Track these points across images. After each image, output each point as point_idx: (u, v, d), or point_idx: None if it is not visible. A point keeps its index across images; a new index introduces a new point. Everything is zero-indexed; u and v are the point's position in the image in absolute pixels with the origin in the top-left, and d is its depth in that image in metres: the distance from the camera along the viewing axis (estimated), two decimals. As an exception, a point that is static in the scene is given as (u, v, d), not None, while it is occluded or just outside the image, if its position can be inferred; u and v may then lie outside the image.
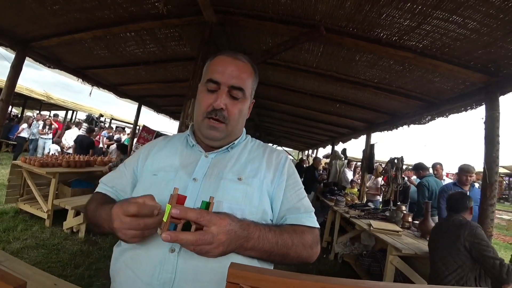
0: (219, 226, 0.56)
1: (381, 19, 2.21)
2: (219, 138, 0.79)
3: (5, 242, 3.00)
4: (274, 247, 0.65)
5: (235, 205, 0.70)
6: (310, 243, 0.72)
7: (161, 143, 0.89)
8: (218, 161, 0.79)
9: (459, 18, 1.96)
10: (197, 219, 0.54)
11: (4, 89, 3.70)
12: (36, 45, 3.69)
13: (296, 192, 0.80)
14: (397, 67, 2.88)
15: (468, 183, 3.46)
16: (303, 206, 0.78)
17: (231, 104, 0.76)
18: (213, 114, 0.75)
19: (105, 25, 3.09)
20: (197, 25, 2.84)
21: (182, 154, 0.82)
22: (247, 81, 0.79)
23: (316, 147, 12.11)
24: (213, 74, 0.77)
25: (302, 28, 2.53)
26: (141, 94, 6.52)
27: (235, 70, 0.76)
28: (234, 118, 0.78)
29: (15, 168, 3.92)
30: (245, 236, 0.61)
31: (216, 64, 0.78)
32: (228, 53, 0.80)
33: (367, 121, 5.26)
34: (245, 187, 0.73)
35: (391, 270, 2.55)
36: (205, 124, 0.77)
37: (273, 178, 0.78)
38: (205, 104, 0.77)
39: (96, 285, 2.52)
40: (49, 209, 3.68)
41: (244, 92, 0.78)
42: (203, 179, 0.74)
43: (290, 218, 0.75)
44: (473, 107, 3.01)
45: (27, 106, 12.92)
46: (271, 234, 0.65)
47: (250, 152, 0.85)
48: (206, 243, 0.54)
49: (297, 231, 0.71)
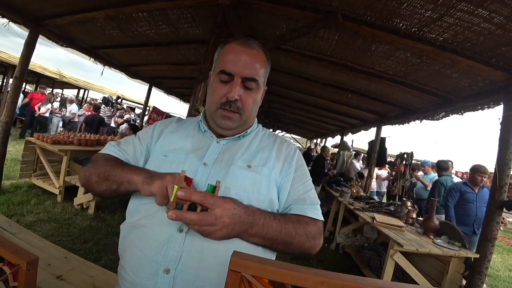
0: (223, 209, 0.57)
1: (402, 9, 2.12)
2: (233, 128, 0.79)
3: (19, 215, 3.14)
4: (277, 235, 0.66)
5: (242, 192, 0.71)
6: (313, 234, 0.73)
7: (173, 125, 0.88)
8: (229, 147, 0.80)
9: (484, 12, 1.86)
10: (201, 201, 0.55)
11: (18, 66, 3.76)
12: (49, 23, 3.70)
13: (303, 184, 0.80)
14: (414, 60, 2.78)
15: (481, 184, 3.40)
16: (309, 197, 0.78)
17: (245, 94, 0.76)
18: (227, 105, 0.75)
19: (117, 4, 3.06)
20: (210, 7, 2.78)
21: (194, 138, 0.82)
22: (260, 71, 0.77)
23: (325, 137, 12.03)
24: (225, 64, 0.75)
25: (317, 14, 2.45)
26: (152, 75, 6.53)
27: (248, 60, 0.74)
28: (248, 108, 0.78)
29: (29, 144, 4.04)
30: (250, 222, 0.62)
31: (228, 53, 0.76)
32: (240, 41, 0.77)
33: (378, 113, 5.16)
34: (254, 175, 0.74)
35: (391, 265, 2.57)
36: (218, 114, 0.77)
37: (281, 169, 0.79)
38: (218, 95, 0.76)
39: (103, 259, 2.63)
40: (61, 185, 3.81)
41: (257, 82, 0.77)
42: (213, 164, 0.75)
43: (295, 208, 0.76)
44: (490, 106, 2.90)
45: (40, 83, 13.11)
46: (276, 222, 0.66)
47: (261, 141, 0.85)
48: (209, 223, 0.56)
49: (301, 222, 0.72)
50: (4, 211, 3.13)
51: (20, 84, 3.85)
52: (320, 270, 0.49)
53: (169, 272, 0.64)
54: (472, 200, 3.41)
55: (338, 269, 3.49)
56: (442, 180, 4.23)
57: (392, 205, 3.89)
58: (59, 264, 1.61)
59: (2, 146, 3.69)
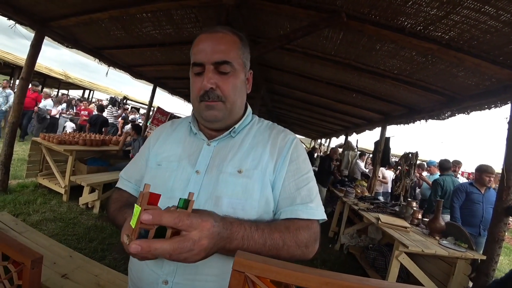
0: (201, 230, 0.48)
1: (407, 7, 2.09)
2: (219, 118, 0.73)
3: (26, 214, 3.18)
4: (261, 248, 0.58)
5: (235, 199, 0.67)
6: (305, 242, 0.65)
7: (168, 130, 0.86)
8: (220, 150, 0.75)
9: (492, 9, 1.83)
10: (175, 224, 0.46)
11: (24, 67, 3.81)
12: (55, 24, 3.74)
13: (295, 180, 0.72)
14: (419, 59, 2.75)
15: (489, 184, 3.35)
16: (300, 195, 0.70)
17: (221, 80, 0.71)
18: (206, 97, 0.70)
19: (122, 5, 3.09)
20: (214, 7, 2.79)
21: (185, 142, 0.79)
22: (232, 52, 0.72)
23: (329, 136, 11.98)
24: (194, 56, 0.72)
25: (321, 13, 2.44)
26: (156, 75, 6.57)
27: (215, 45, 0.70)
28: (229, 94, 0.72)
29: (35, 144, 4.09)
30: (227, 237, 0.54)
31: (196, 45, 0.73)
32: (206, 30, 0.74)
33: (383, 113, 5.12)
34: (245, 181, 0.69)
35: (396, 266, 2.55)
36: (202, 107, 0.73)
37: (275, 165, 0.73)
38: (196, 88, 0.72)
39: (108, 259, 2.65)
40: (66, 184, 3.85)
41: (231, 64, 0.71)
42: (206, 172, 0.71)
43: (285, 211, 0.69)
44: (497, 105, 2.86)
45: (46, 84, 13.27)
46: (258, 233, 0.58)
47: (255, 136, 0.79)
48: (185, 251, 0.47)
49: (291, 229, 0.64)
50: (11, 210, 3.16)
51: (26, 85, 3.90)
52: (324, 270, 0.48)
53: (168, 283, 0.66)
54: (479, 201, 3.36)
55: (343, 270, 3.47)
56: (439, 179, 4.17)
57: (397, 205, 3.85)
58: (64, 262, 1.62)
59: (9, 146, 3.74)
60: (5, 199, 3.44)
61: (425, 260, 2.96)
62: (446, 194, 3.95)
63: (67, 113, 9.40)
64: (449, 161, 4.41)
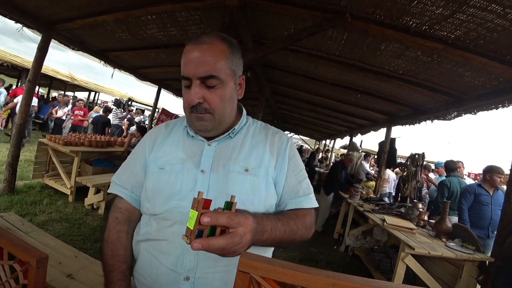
0: (245, 226, 0.55)
1: (412, 6, 2.07)
2: (209, 128, 0.76)
3: (32, 215, 3.21)
4: (283, 235, 0.67)
5: (245, 196, 0.73)
6: (309, 225, 0.77)
7: (163, 133, 0.87)
8: (221, 149, 0.79)
9: (498, 7, 1.81)
10: (228, 224, 0.53)
11: (31, 70, 3.87)
12: (61, 27, 3.79)
13: (296, 175, 0.82)
14: (424, 59, 2.72)
15: (499, 185, 3.30)
16: (302, 188, 0.81)
17: (208, 93, 0.72)
18: (194, 110, 0.73)
19: (126, 7, 3.11)
20: (218, 9, 2.79)
21: (184, 145, 0.81)
22: (218, 64, 0.71)
23: (334, 137, 11.93)
24: (182, 69, 0.73)
25: (326, 14, 2.43)
26: (161, 77, 6.61)
27: (199, 58, 0.70)
28: (217, 107, 0.73)
29: (42, 145, 4.14)
30: (261, 230, 0.61)
31: (183, 56, 0.74)
32: (192, 40, 0.74)
33: (388, 114, 5.08)
34: (253, 178, 0.76)
35: (402, 268, 2.51)
36: (193, 118, 0.75)
37: (276, 163, 0.80)
38: (185, 100, 0.75)
39: (113, 259, 2.66)
40: (72, 185, 3.88)
41: (218, 77, 0.71)
42: (211, 170, 0.75)
43: (291, 202, 0.79)
44: (505, 105, 2.81)
45: (52, 86, 13.45)
46: (280, 223, 0.67)
47: (253, 136, 0.84)
48: (235, 245, 0.53)
49: (299, 216, 0.75)
50: (18, 210, 3.20)
51: (33, 87, 3.96)
52: (330, 272, 0.48)
53: (189, 279, 0.69)
54: (487, 202, 3.31)
55: (348, 271, 3.44)
56: (446, 181, 4.11)
57: (403, 207, 3.81)
58: (69, 263, 1.63)
59: (16, 147, 3.79)
60: (12, 199, 3.48)
61: (431, 263, 2.92)
62: (453, 196, 3.90)
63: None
64: (455, 162, 4.36)
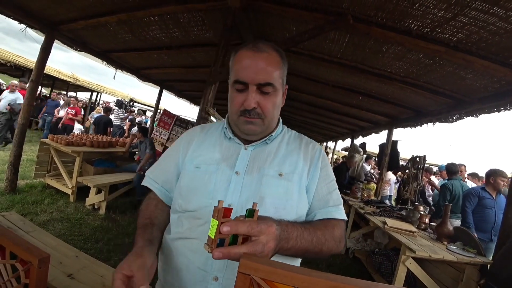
0: (268, 234, 0.54)
1: (414, 9, 2.08)
2: (257, 132, 0.79)
3: (33, 214, 3.22)
4: (310, 245, 0.66)
5: (277, 200, 0.73)
6: (339, 237, 0.75)
7: (200, 136, 0.89)
8: (257, 154, 0.81)
9: (500, 10, 1.81)
10: (249, 232, 0.52)
11: (34, 70, 3.89)
12: (64, 28, 3.82)
13: (327, 185, 0.82)
14: (426, 61, 2.72)
15: (502, 188, 3.28)
16: (332, 199, 0.80)
17: (263, 99, 0.75)
18: (247, 113, 0.75)
19: (129, 9, 3.13)
20: (220, 10, 2.81)
21: (221, 147, 0.83)
22: (275, 73, 0.75)
23: (335, 140, 11.89)
24: (238, 74, 0.75)
25: (327, 16, 2.43)
26: (162, 78, 6.62)
27: (259, 66, 0.73)
28: (268, 112, 0.77)
29: (44, 145, 4.15)
30: (285, 237, 0.60)
31: (240, 61, 0.76)
32: (249, 46, 0.76)
33: (389, 116, 5.07)
34: (286, 183, 0.76)
35: (402, 271, 2.50)
36: (241, 121, 0.78)
37: (308, 171, 0.81)
38: (237, 104, 0.76)
39: (113, 259, 2.66)
40: (73, 185, 3.89)
41: (274, 86, 0.75)
42: (245, 173, 0.77)
43: (320, 212, 0.78)
44: (507, 108, 2.81)
45: (55, 86, 13.49)
46: (307, 232, 0.66)
47: (288, 144, 0.86)
48: (258, 253, 0.53)
49: (328, 227, 0.73)
50: (19, 209, 3.21)
51: (36, 87, 3.98)
52: (331, 274, 0.48)
53: (218, 279, 0.70)
54: (491, 206, 3.30)
55: (348, 274, 3.43)
56: (448, 184, 4.10)
57: (404, 209, 3.80)
58: (70, 262, 1.63)
59: (18, 146, 3.81)
60: (14, 199, 3.50)
61: (432, 266, 2.90)
62: (455, 199, 3.89)
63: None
64: (456, 164, 4.35)
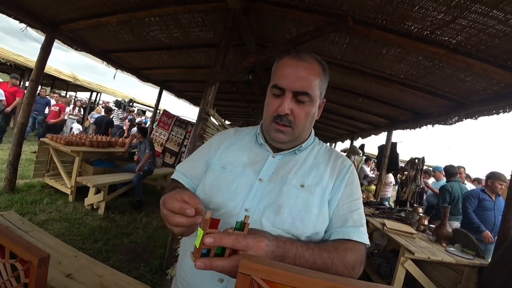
0: (256, 249, 0.53)
1: (413, 12, 2.08)
2: (285, 141, 0.79)
3: (32, 214, 3.22)
4: (311, 267, 0.61)
5: (295, 210, 0.72)
6: (352, 263, 0.67)
7: (231, 138, 0.90)
8: (284, 163, 0.81)
9: (500, 13, 1.81)
10: (234, 245, 0.51)
11: (34, 69, 3.89)
12: (64, 27, 3.82)
13: (349, 203, 0.77)
14: (426, 63, 2.73)
15: (500, 192, 3.29)
16: (353, 218, 0.74)
17: (297, 108, 0.76)
18: (279, 119, 0.76)
19: (130, 9, 3.13)
20: (221, 11, 2.81)
21: (250, 151, 0.84)
22: (313, 83, 0.76)
23: (335, 141, 11.90)
24: (277, 79, 0.76)
25: (328, 18, 2.44)
26: (162, 78, 6.62)
27: (299, 74, 0.74)
28: (300, 122, 0.77)
29: (43, 145, 4.15)
30: (280, 255, 0.58)
31: (281, 68, 0.77)
32: (293, 55, 0.78)
33: (389, 118, 5.08)
34: (307, 195, 0.74)
35: (401, 273, 2.50)
36: (272, 127, 0.78)
37: (333, 186, 0.78)
38: (271, 108, 0.77)
39: (112, 260, 2.66)
40: (72, 185, 3.89)
41: (310, 95, 0.75)
42: (269, 180, 0.76)
43: (336, 232, 0.73)
44: (506, 110, 2.82)
45: (55, 86, 13.48)
46: (309, 252, 0.62)
47: (316, 156, 0.85)
48: None
49: (339, 250, 0.67)
50: (18, 209, 3.21)
51: (36, 86, 3.97)
52: (331, 275, 0.48)
53: (223, 281, 0.69)
54: (491, 208, 3.31)
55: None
56: (447, 186, 4.12)
57: (403, 211, 3.80)
58: (69, 262, 1.63)
59: (17, 146, 3.80)
60: (13, 198, 3.49)
61: (431, 267, 2.90)
62: (454, 201, 3.90)
63: (73, 114, 9.49)
64: (454, 167, 4.36)
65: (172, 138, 6.81)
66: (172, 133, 6.81)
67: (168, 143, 6.81)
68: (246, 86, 4.78)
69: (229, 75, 2.82)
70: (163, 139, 6.84)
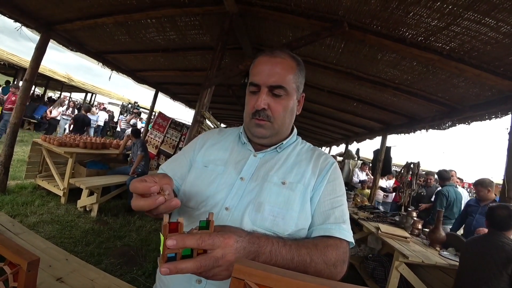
0: (224, 247, 0.51)
1: (408, 18, 2.12)
2: (266, 136, 0.80)
3: (23, 216, 3.15)
4: (289, 264, 0.59)
5: (276, 208, 0.71)
6: (333, 261, 0.65)
7: (216, 137, 0.91)
8: (265, 161, 0.81)
9: (492, 21, 1.86)
10: (198, 245, 0.49)
11: (29, 69, 3.85)
12: (60, 28, 3.79)
13: (331, 200, 0.76)
14: (420, 69, 2.77)
15: (488, 197, 3.29)
16: (334, 215, 0.73)
17: (273, 102, 0.77)
18: (257, 115, 0.77)
19: (127, 10, 3.13)
20: (218, 15, 2.82)
21: (233, 150, 0.85)
22: (287, 77, 0.78)
23: (330, 145, 11.97)
24: (253, 77, 0.79)
25: (324, 23, 2.47)
26: (158, 80, 6.61)
27: (272, 69, 0.76)
28: (279, 116, 0.78)
29: (36, 146, 4.09)
30: (254, 251, 0.55)
31: (255, 66, 0.80)
32: (266, 53, 0.80)
33: (383, 122, 5.13)
34: (288, 192, 0.74)
35: (395, 277, 2.51)
36: (252, 123, 0.80)
37: (315, 183, 0.78)
38: (249, 105, 0.80)
39: (104, 263, 2.62)
40: (65, 187, 3.83)
41: (285, 89, 0.77)
42: (250, 179, 0.77)
43: (318, 229, 0.71)
44: (498, 116, 2.87)
45: (49, 86, 13.35)
46: (286, 249, 0.59)
47: (299, 154, 0.85)
48: (210, 267, 0.50)
49: (319, 246, 0.64)
50: (8, 211, 3.15)
51: (30, 86, 3.93)
52: (325, 279, 0.48)
53: (201, 282, 0.69)
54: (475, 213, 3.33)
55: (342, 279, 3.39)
56: (444, 190, 4.15)
57: (397, 215, 3.83)
58: (60, 266, 1.60)
59: (9, 146, 3.74)
60: (3, 199, 3.42)
61: (425, 271, 2.92)
62: (450, 205, 3.93)
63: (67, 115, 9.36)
64: (448, 171, 4.40)
65: (167, 141, 6.76)
66: (167, 135, 6.76)
67: (163, 145, 6.76)
68: (241, 89, 4.78)
69: (225, 78, 2.82)
70: (158, 141, 6.79)
